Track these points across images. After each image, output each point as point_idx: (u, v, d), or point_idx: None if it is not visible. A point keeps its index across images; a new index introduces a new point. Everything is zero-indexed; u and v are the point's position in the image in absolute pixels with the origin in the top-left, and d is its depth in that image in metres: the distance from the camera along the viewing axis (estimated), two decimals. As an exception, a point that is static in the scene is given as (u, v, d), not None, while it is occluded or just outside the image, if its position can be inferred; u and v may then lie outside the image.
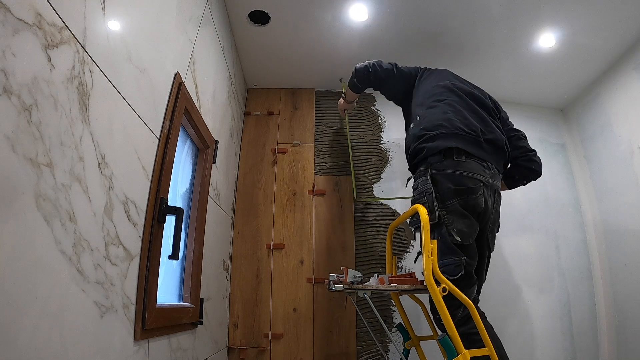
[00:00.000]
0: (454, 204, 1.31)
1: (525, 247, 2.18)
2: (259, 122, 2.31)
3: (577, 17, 1.80)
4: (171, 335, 1.17)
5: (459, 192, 1.32)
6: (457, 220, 1.31)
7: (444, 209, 1.31)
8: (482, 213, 1.35)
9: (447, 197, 1.32)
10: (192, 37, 1.35)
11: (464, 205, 1.32)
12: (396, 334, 1.93)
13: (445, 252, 1.28)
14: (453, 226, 1.30)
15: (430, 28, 1.91)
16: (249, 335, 1.92)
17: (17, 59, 0.56)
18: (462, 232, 1.30)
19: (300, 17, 1.85)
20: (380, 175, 2.23)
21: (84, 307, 0.72)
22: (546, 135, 2.43)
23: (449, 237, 1.28)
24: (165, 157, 1.09)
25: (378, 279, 1.31)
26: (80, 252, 0.71)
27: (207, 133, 1.53)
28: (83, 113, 0.73)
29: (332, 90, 2.42)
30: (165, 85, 1.12)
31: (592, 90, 2.24)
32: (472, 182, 1.33)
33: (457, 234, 1.29)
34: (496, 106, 1.63)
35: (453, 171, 1.35)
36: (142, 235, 0.97)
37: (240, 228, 2.08)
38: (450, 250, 1.28)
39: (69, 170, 0.68)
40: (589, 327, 2.07)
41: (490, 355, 1.13)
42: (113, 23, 0.83)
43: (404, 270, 2.05)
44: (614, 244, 2.07)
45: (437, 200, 1.31)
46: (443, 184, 1.33)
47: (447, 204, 1.31)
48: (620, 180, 2.02)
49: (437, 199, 1.32)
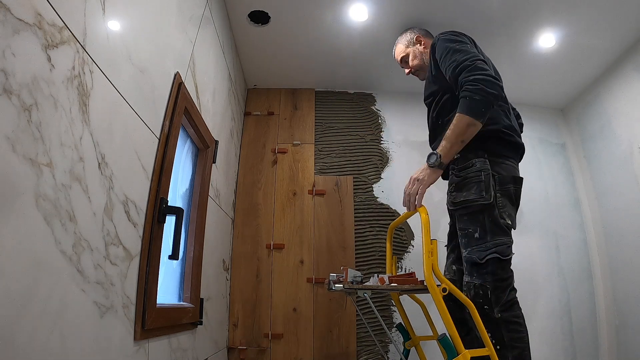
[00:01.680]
0: (509, 189, 1.29)
1: (525, 247, 2.18)
2: (259, 122, 2.31)
3: (577, 17, 1.80)
4: (171, 335, 1.17)
5: (515, 180, 1.30)
6: (508, 205, 1.28)
7: (499, 190, 1.27)
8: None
9: (504, 182, 1.29)
10: (192, 37, 1.35)
11: (515, 194, 1.30)
12: (396, 334, 1.93)
13: (496, 232, 1.23)
14: (505, 209, 1.26)
15: (429, 28, 1.90)
16: (249, 335, 1.92)
17: (17, 59, 0.56)
18: (511, 217, 1.27)
19: (300, 17, 1.85)
20: (380, 175, 2.23)
21: (84, 307, 0.72)
22: (546, 135, 2.43)
23: (500, 219, 1.24)
24: (165, 157, 1.09)
25: (378, 279, 1.31)
26: (81, 252, 0.71)
27: (207, 133, 1.53)
28: (83, 113, 0.72)
29: (332, 90, 2.42)
30: (165, 85, 1.12)
31: (592, 90, 2.24)
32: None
33: (508, 217, 1.26)
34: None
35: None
36: (142, 235, 0.97)
37: (240, 228, 2.08)
38: (502, 230, 1.24)
39: (69, 170, 0.68)
40: (589, 327, 2.07)
41: (490, 355, 1.13)
42: (113, 23, 0.83)
43: (404, 270, 2.05)
44: (614, 243, 2.07)
45: (494, 182, 1.27)
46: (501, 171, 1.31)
47: (504, 187, 1.28)
48: (620, 180, 2.02)
49: (494, 180, 1.27)
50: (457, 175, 1.34)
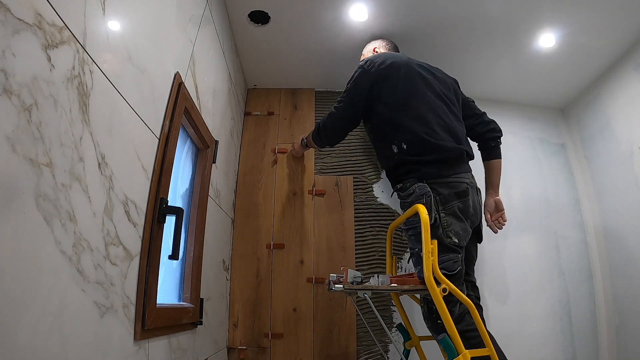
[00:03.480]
0: (453, 206, 1.33)
1: (525, 247, 2.18)
2: (259, 122, 2.31)
3: (577, 17, 1.80)
4: (171, 335, 1.17)
5: (460, 195, 1.34)
6: (455, 223, 1.32)
7: (443, 210, 1.32)
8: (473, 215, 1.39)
9: (447, 200, 1.33)
10: (192, 37, 1.35)
11: (463, 207, 1.33)
12: (396, 334, 1.93)
13: (441, 250, 1.28)
14: (451, 227, 1.31)
15: (429, 28, 1.91)
16: (249, 335, 1.92)
17: (17, 59, 0.56)
18: (459, 235, 1.31)
19: (300, 17, 1.85)
20: (380, 175, 2.23)
21: (84, 307, 0.72)
22: (546, 135, 2.43)
23: (445, 239, 1.29)
24: (165, 157, 1.09)
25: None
26: (80, 252, 0.71)
27: (207, 133, 1.53)
28: (83, 113, 0.72)
29: (332, 90, 2.42)
30: (165, 85, 1.12)
31: (592, 90, 2.24)
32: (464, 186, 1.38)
33: (455, 235, 1.30)
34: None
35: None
36: (142, 235, 0.97)
37: (240, 228, 2.08)
38: (447, 249, 1.29)
39: (69, 170, 0.68)
40: (589, 327, 2.07)
41: (490, 355, 1.13)
42: (113, 23, 0.83)
43: (404, 270, 2.05)
44: (614, 244, 2.07)
45: (437, 202, 1.32)
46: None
47: (447, 205, 1.33)
48: (620, 180, 2.02)
49: (437, 201, 1.32)
50: (404, 201, 1.43)
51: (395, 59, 1.58)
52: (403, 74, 1.53)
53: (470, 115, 1.66)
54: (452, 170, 1.38)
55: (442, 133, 1.42)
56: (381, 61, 1.56)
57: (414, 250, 1.33)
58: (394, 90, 1.51)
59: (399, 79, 1.52)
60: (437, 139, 1.40)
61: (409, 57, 1.65)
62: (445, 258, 1.27)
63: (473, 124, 1.65)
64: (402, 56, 1.63)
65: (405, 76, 1.53)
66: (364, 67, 1.58)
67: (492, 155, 1.64)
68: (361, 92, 1.56)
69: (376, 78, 1.54)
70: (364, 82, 1.56)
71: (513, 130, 2.39)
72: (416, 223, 1.30)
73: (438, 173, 1.36)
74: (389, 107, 1.50)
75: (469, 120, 1.64)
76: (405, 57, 1.62)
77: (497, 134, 1.64)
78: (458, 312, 1.26)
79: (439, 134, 1.41)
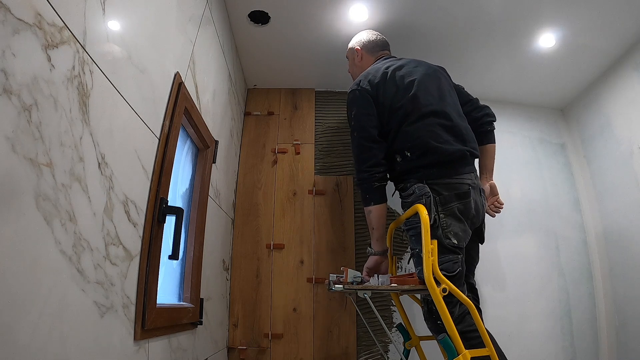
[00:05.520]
0: (452, 207, 1.32)
1: (525, 247, 2.18)
2: (259, 122, 2.31)
3: (577, 17, 1.80)
4: (171, 335, 1.17)
5: (460, 196, 1.34)
6: (454, 224, 1.31)
7: (442, 211, 1.32)
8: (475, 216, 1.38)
9: (447, 201, 1.33)
10: (192, 37, 1.35)
11: (463, 208, 1.33)
12: (396, 334, 1.93)
13: (441, 251, 1.27)
14: (450, 229, 1.30)
15: (429, 28, 1.91)
16: (249, 335, 1.92)
17: (17, 59, 0.56)
18: (458, 236, 1.31)
19: (300, 17, 1.85)
20: (380, 175, 2.22)
21: (84, 307, 0.72)
22: (546, 135, 2.43)
23: (445, 239, 1.29)
24: (165, 157, 1.09)
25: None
26: (80, 252, 0.71)
27: (207, 133, 1.53)
28: (83, 113, 0.72)
29: (332, 90, 2.42)
30: (165, 85, 1.12)
31: (592, 90, 2.24)
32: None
33: (454, 236, 1.30)
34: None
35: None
36: (142, 235, 0.97)
37: (240, 228, 2.08)
38: (447, 250, 1.29)
39: (69, 170, 0.68)
40: (589, 327, 2.07)
41: (490, 355, 1.13)
42: (113, 23, 0.83)
43: (404, 270, 2.05)
44: (614, 244, 2.07)
45: (436, 203, 1.32)
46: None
47: (446, 206, 1.32)
48: (620, 180, 2.02)
49: (436, 202, 1.32)
50: (404, 201, 1.43)
51: (378, 72, 1.56)
52: (395, 85, 1.51)
53: (464, 102, 1.64)
54: (453, 172, 1.37)
55: (445, 135, 1.41)
56: (371, 78, 1.55)
57: (415, 250, 1.33)
58: (394, 100, 1.49)
59: (398, 89, 1.50)
60: (440, 142, 1.39)
61: (388, 63, 1.61)
62: (445, 259, 1.27)
63: (468, 111, 1.63)
64: (380, 67, 1.59)
65: (399, 85, 1.51)
66: (359, 88, 1.55)
67: (487, 140, 1.63)
68: (369, 109, 1.51)
69: (374, 93, 1.52)
70: (366, 97, 1.53)
71: (513, 130, 2.39)
72: (416, 223, 1.29)
73: (439, 174, 1.36)
74: (393, 119, 1.48)
75: (464, 108, 1.62)
76: (384, 67, 1.58)
77: (492, 118, 1.64)
78: (458, 313, 1.25)
79: (441, 137, 1.40)
